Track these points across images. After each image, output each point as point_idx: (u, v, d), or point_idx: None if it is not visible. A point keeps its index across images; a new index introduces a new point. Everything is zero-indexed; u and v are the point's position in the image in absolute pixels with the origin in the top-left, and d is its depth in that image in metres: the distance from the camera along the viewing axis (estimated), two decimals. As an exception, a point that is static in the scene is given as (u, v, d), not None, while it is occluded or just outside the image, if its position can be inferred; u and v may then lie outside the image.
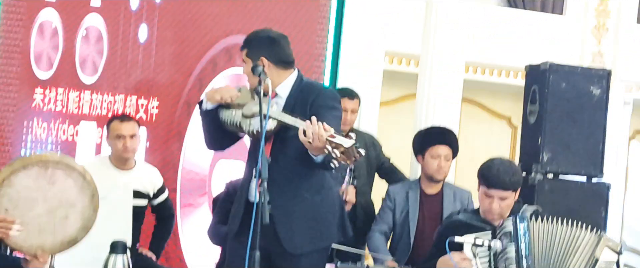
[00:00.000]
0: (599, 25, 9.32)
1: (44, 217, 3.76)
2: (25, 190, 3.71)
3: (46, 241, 3.76)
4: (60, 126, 5.61)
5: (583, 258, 4.37)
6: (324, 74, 6.18)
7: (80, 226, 3.84)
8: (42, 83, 5.54)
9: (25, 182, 3.71)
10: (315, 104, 4.04)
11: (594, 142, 5.61)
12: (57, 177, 3.77)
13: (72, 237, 3.83)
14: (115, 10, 5.76)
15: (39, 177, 3.74)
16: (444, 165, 5.45)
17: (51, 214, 3.77)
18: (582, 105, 5.59)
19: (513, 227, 4.35)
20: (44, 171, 3.75)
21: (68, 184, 3.80)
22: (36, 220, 3.74)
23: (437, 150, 5.44)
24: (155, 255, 5.46)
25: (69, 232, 3.82)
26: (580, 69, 5.85)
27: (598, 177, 5.64)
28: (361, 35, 6.38)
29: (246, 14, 5.93)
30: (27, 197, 3.72)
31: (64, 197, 3.79)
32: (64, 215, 3.80)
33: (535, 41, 8.98)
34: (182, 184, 6.01)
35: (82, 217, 3.84)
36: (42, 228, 3.75)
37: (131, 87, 5.85)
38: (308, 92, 4.12)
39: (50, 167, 3.76)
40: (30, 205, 3.72)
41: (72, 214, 3.82)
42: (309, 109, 4.00)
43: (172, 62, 5.95)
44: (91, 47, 5.71)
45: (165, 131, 5.95)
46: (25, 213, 3.71)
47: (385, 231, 5.52)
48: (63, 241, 3.82)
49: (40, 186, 3.74)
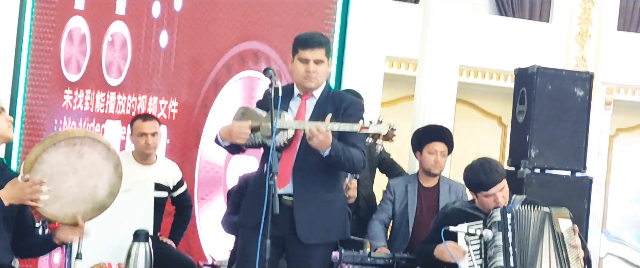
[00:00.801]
0: (582, 32, 9.31)
1: (75, 188, 3.75)
2: (57, 165, 3.69)
3: (79, 209, 3.76)
4: (88, 124, 5.61)
5: (550, 239, 4.35)
6: (330, 76, 6.18)
7: (108, 192, 3.83)
8: (71, 85, 5.54)
9: (56, 158, 3.69)
10: (346, 113, 4.08)
11: (578, 139, 5.60)
12: (85, 151, 3.75)
13: (102, 203, 3.83)
14: (139, 18, 5.76)
15: (68, 152, 3.72)
16: (440, 161, 5.44)
17: (82, 185, 3.76)
18: (567, 105, 5.58)
19: (501, 217, 4.34)
20: (72, 146, 3.73)
21: (94, 156, 3.78)
22: (69, 192, 3.73)
23: (434, 146, 5.43)
24: (174, 242, 5.46)
25: (98, 199, 3.82)
26: (565, 72, 5.85)
27: (581, 171, 5.63)
28: (363, 41, 6.37)
29: (258, 22, 5.93)
30: (59, 172, 3.70)
31: (92, 168, 3.78)
32: (93, 185, 3.79)
33: (524, 46, 8.97)
34: (199, 178, 6.01)
35: (109, 184, 3.83)
36: (75, 198, 3.75)
37: (153, 88, 5.85)
38: (340, 99, 4.16)
39: (77, 141, 3.75)
40: (63, 179, 3.71)
41: (100, 182, 3.81)
42: (342, 114, 4.06)
43: (190, 66, 5.95)
44: (116, 52, 5.71)
45: (183, 129, 5.95)
46: (59, 187, 3.70)
47: (385, 220, 5.53)
48: (94, 208, 3.82)
49: (70, 160, 3.72)
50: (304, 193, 4.01)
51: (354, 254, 4.95)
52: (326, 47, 4.06)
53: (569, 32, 9.29)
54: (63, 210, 3.73)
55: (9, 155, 5.25)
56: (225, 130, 4.02)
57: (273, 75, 3.92)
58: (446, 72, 6.32)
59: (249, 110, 4.08)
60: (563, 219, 4.38)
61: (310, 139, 3.84)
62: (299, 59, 4.04)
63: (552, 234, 4.33)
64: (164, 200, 5.37)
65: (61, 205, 3.72)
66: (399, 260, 4.99)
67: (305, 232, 4.02)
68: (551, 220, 4.36)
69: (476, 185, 4.44)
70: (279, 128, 3.85)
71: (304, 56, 4.03)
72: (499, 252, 4.28)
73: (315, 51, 4.02)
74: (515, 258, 4.27)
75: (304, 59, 4.03)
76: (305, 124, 3.88)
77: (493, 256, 4.29)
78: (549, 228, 4.35)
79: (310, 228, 4.03)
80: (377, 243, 5.34)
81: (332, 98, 4.12)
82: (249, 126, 3.96)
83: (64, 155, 3.72)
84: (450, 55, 6.34)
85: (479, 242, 4.34)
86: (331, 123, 3.90)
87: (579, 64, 9.19)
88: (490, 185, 4.37)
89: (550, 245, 4.32)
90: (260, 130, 3.96)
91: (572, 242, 4.33)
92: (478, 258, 4.31)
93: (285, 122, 3.90)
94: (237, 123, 4.01)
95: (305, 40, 4.06)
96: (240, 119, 4.05)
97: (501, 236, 4.30)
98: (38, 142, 5.28)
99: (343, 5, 6.24)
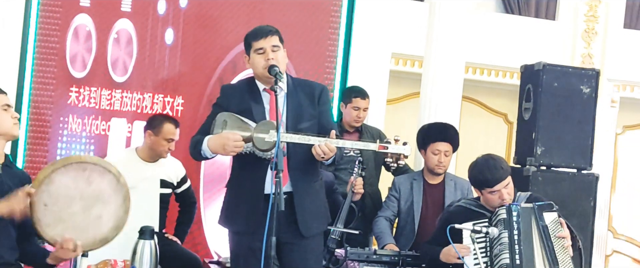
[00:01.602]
0: (588, 30, 9.28)
1: (79, 215, 3.71)
2: (64, 188, 3.68)
3: (80, 238, 3.71)
4: (94, 121, 5.60)
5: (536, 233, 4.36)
6: (335, 73, 6.17)
7: (113, 226, 3.79)
8: (77, 82, 5.53)
9: (65, 181, 3.68)
10: (321, 100, 4.07)
11: (584, 136, 5.59)
12: (94, 178, 3.73)
13: (104, 236, 3.79)
14: (144, 15, 5.76)
15: (77, 176, 3.70)
16: (443, 161, 5.42)
17: (86, 212, 3.73)
18: (573, 102, 5.56)
19: (507, 214, 4.33)
20: (82, 171, 3.71)
21: (103, 185, 3.76)
22: (72, 218, 3.70)
23: (437, 146, 5.42)
24: (180, 239, 5.46)
25: (102, 231, 3.77)
26: (571, 69, 5.83)
27: (587, 169, 5.61)
28: (369, 38, 6.36)
29: (263, 19, 5.91)
30: (65, 195, 3.68)
31: (99, 196, 3.75)
32: (98, 215, 3.75)
33: (530, 44, 8.95)
34: (205, 175, 6.01)
35: (115, 217, 3.79)
36: (77, 225, 3.71)
37: (158, 85, 5.84)
38: (309, 86, 4.13)
39: (88, 167, 3.73)
40: (68, 203, 3.69)
41: (106, 214, 3.77)
42: (318, 103, 4.05)
43: (195, 63, 5.95)
44: (122, 49, 5.70)
45: (189, 127, 5.93)
46: (63, 210, 3.68)
47: (390, 217, 5.52)
48: (95, 239, 3.77)
49: (78, 185, 3.70)
50: (300, 187, 3.99)
51: (360, 251, 4.95)
52: (278, 35, 4.02)
53: (575, 30, 9.26)
54: (63, 235, 3.69)
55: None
56: (216, 144, 3.89)
57: (278, 73, 3.90)
58: (452, 69, 6.31)
59: (232, 117, 3.95)
60: (547, 213, 4.38)
61: (318, 155, 3.83)
62: (256, 51, 3.98)
63: (537, 228, 4.33)
64: (168, 197, 5.38)
65: (62, 230, 3.69)
66: (404, 257, 4.98)
67: (306, 225, 4.01)
68: (536, 215, 4.36)
69: (481, 183, 4.43)
70: (282, 140, 3.75)
71: (259, 46, 3.97)
72: (505, 249, 4.27)
73: (269, 39, 3.97)
74: (521, 255, 4.26)
75: (260, 48, 3.97)
76: (311, 139, 3.83)
77: (499, 254, 4.28)
78: (535, 223, 4.35)
79: (309, 221, 4.03)
80: (385, 240, 5.33)
81: (300, 87, 4.07)
82: (241, 139, 3.85)
83: (73, 178, 3.70)
84: (456, 53, 6.33)
85: (485, 239, 4.33)
86: (341, 140, 3.87)
87: (585, 62, 9.17)
88: (494, 182, 4.36)
89: (538, 239, 4.33)
90: (253, 142, 3.84)
91: (558, 233, 4.33)
92: (484, 256, 4.30)
93: (287, 136, 3.80)
94: (230, 136, 3.86)
95: (255, 32, 4.02)
96: (223, 127, 3.93)
97: (507, 234, 4.29)
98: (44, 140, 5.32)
99: (349, 3, 6.23)
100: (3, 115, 3.79)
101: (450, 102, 6.30)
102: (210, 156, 3.98)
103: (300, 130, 3.91)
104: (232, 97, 4.03)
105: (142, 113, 5.75)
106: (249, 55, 4.03)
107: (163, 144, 5.25)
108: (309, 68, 6.10)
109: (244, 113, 3.95)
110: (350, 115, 5.72)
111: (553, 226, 4.36)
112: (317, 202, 4.12)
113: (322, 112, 4.08)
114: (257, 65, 3.99)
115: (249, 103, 3.99)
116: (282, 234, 3.87)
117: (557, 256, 4.29)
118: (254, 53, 3.99)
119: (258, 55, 3.98)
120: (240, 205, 4.04)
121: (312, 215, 4.06)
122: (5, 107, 3.81)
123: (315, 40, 6.17)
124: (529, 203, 4.43)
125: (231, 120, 3.94)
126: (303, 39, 6.11)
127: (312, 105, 4.03)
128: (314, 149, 3.82)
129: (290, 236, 3.97)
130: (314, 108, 4.05)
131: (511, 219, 4.31)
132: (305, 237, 4.03)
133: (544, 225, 4.34)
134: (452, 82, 6.31)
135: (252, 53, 4.00)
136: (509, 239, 4.28)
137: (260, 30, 4.02)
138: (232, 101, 4.02)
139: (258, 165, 3.94)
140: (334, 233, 5.16)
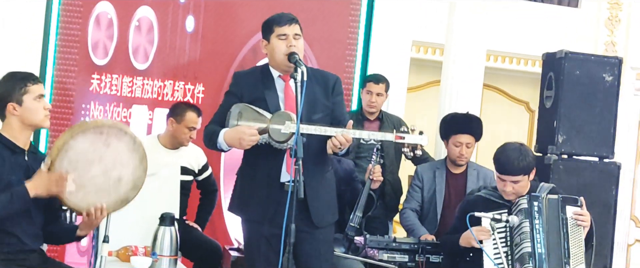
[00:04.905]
0: (611, 17, 9.19)
1: (99, 178, 3.73)
2: (83, 152, 3.68)
3: (102, 200, 3.74)
4: (115, 109, 5.62)
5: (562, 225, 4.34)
6: (356, 61, 6.16)
7: (132, 186, 3.82)
8: (98, 69, 5.56)
9: (83, 146, 3.68)
10: (335, 91, 4.06)
11: (606, 125, 5.55)
12: (111, 140, 3.74)
13: (125, 196, 3.82)
14: (165, 2, 5.76)
15: (95, 139, 3.70)
16: (465, 152, 5.41)
17: (106, 175, 3.75)
18: (595, 90, 5.52)
19: (528, 204, 4.31)
20: (99, 135, 3.72)
21: (120, 147, 3.76)
22: (93, 181, 3.72)
23: (459, 138, 5.40)
24: (200, 226, 5.48)
25: (122, 191, 3.80)
26: (594, 57, 5.78)
27: (609, 157, 5.58)
28: (390, 26, 6.35)
29: (284, 6, 5.88)
30: (85, 160, 3.69)
31: (117, 158, 3.76)
32: (117, 177, 3.77)
33: (552, 31, 8.88)
34: (225, 163, 6.02)
35: (133, 177, 3.81)
36: (98, 188, 3.73)
37: (179, 73, 5.85)
38: (323, 76, 4.10)
39: (105, 130, 3.73)
40: (88, 167, 3.70)
41: (125, 175, 3.79)
42: (332, 93, 4.03)
43: (216, 51, 5.95)
44: (143, 36, 5.72)
45: (210, 114, 5.91)
46: (83, 175, 3.69)
47: (416, 208, 5.51)
48: (116, 200, 3.80)
49: (96, 148, 3.70)
50: (313, 178, 3.96)
51: (379, 239, 4.95)
52: (299, 25, 4.00)
53: (598, 17, 9.17)
54: (86, 200, 3.72)
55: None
56: (232, 139, 3.89)
57: (298, 61, 3.88)
58: (473, 57, 6.28)
59: (247, 109, 3.95)
60: (570, 206, 4.37)
61: (335, 146, 3.81)
62: (278, 37, 3.96)
63: (558, 219, 4.32)
64: (189, 184, 5.39)
65: (84, 195, 3.71)
66: (423, 245, 4.98)
67: (319, 215, 4.01)
68: (559, 206, 4.34)
69: (495, 162, 4.42)
70: (303, 133, 3.73)
71: (282, 32, 3.95)
72: (526, 238, 4.26)
73: (292, 26, 3.96)
74: (541, 244, 4.24)
75: (282, 34, 3.95)
76: (327, 130, 3.81)
77: (520, 242, 4.27)
78: (556, 214, 4.33)
79: (322, 211, 4.03)
80: (419, 232, 5.30)
81: (314, 76, 4.02)
82: (257, 131, 3.85)
83: (91, 142, 3.71)
84: (477, 40, 6.30)
85: (505, 229, 4.31)
86: (359, 131, 3.86)
87: (608, 50, 9.08)
88: (503, 171, 4.36)
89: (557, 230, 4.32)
90: (268, 134, 3.84)
91: (579, 222, 4.31)
92: (504, 246, 4.29)
93: (304, 127, 3.77)
94: (246, 130, 3.86)
95: (280, 17, 3.99)
96: (238, 119, 3.93)
97: (528, 223, 4.27)
98: (66, 127, 5.35)
99: (369, -10, 6.21)
100: (36, 106, 3.78)
101: (471, 90, 6.27)
102: (226, 149, 3.98)
103: (313, 121, 3.90)
104: (246, 84, 4.03)
105: (163, 100, 5.76)
106: (268, 40, 4.01)
107: (185, 132, 5.27)
108: (329, 56, 6.09)
109: (257, 101, 3.94)
110: (364, 100, 5.73)
111: (572, 221, 4.34)
112: (329, 193, 4.11)
113: (335, 103, 4.07)
114: (278, 50, 3.97)
115: (262, 91, 3.98)
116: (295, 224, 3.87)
117: (570, 250, 4.28)
118: (275, 38, 3.97)
119: (280, 40, 3.96)
120: (255, 193, 4.03)
121: (324, 205, 4.05)
122: (38, 98, 3.80)
123: (335, 28, 6.15)
124: (553, 194, 4.41)
125: (246, 112, 3.93)
126: (323, 27, 6.09)
127: (326, 96, 4.01)
128: (331, 140, 3.80)
129: (303, 226, 3.93)
130: (328, 99, 4.03)
131: (532, 209, 4.30)
132: (318, 227, 4.02)
133: (564, 217, 4.32)
134: (473, 69, 6.28)
135: (273, 38, 3.98)
136: (531, 228, 4.26)
137: (284, 16, 4.00)
138: (245, 88, 4.01)
139: (274, 154, 3.94)
140: (353, 221, 5.16)
